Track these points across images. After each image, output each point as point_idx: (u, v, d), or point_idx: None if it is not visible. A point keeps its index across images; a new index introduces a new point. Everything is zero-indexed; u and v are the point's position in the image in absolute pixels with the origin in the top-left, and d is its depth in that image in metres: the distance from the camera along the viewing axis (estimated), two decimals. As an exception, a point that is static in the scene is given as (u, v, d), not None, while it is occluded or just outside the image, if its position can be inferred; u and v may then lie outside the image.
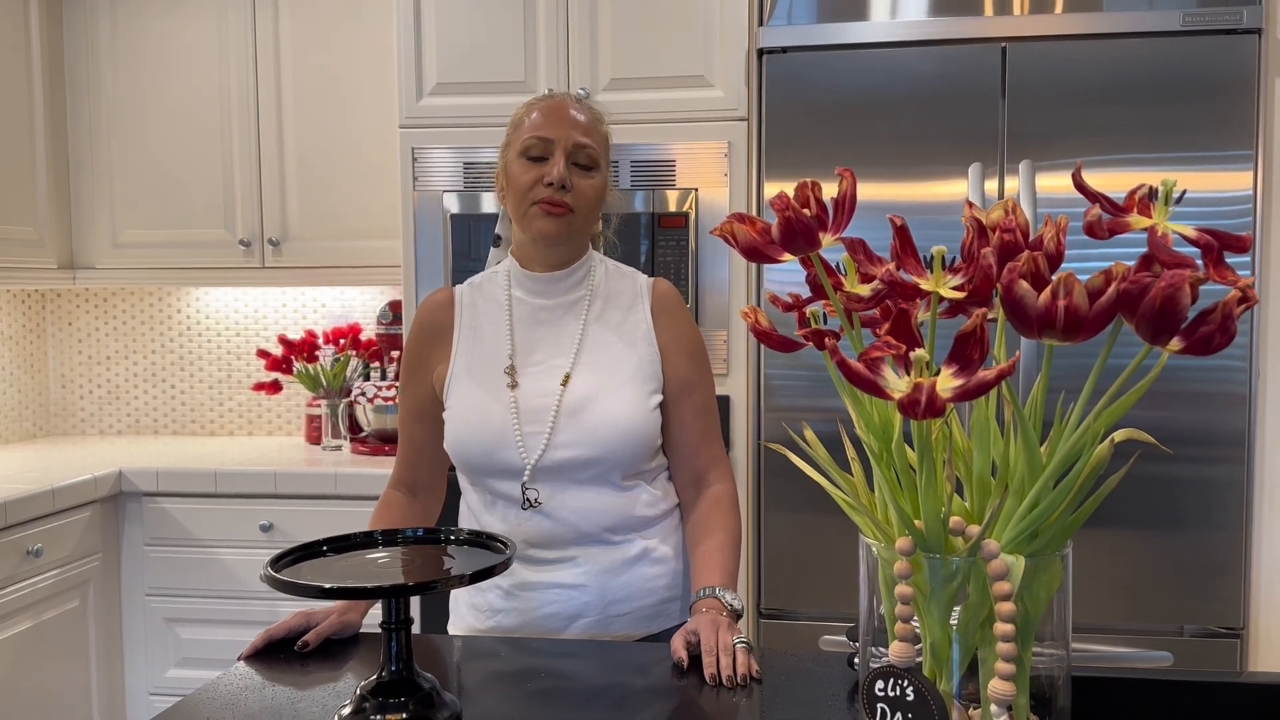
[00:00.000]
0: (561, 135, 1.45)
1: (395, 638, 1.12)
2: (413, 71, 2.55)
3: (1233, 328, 0.65)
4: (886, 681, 0.78)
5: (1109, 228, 0.68)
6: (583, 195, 1.46)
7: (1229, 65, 2.26)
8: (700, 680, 1.23)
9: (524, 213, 1.46)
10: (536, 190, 1.44)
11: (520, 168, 1.45)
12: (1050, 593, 0.79)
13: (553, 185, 1.42)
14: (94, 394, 3.36)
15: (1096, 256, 2.16)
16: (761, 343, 0.87)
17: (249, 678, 1.26)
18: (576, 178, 1.45)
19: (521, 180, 1.45)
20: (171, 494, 2.67)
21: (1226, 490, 2.29)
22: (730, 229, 0.78)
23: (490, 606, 1.48)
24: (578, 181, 1.45)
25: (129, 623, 2.73)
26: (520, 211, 1.46)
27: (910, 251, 0.77)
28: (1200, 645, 2.31)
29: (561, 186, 1.43)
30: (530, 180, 1.44)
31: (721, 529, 1.47)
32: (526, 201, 1.45)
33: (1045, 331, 0.69)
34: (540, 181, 1.43)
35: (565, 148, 1.44)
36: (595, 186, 1.48)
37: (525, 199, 1.45)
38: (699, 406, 1.51)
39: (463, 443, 1.46)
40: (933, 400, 0.64)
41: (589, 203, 1.47)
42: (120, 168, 2.99)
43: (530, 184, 1.44)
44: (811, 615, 2.44)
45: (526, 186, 1.44)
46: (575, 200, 1.45)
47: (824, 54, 2.39)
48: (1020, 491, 0.75)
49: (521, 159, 1.46)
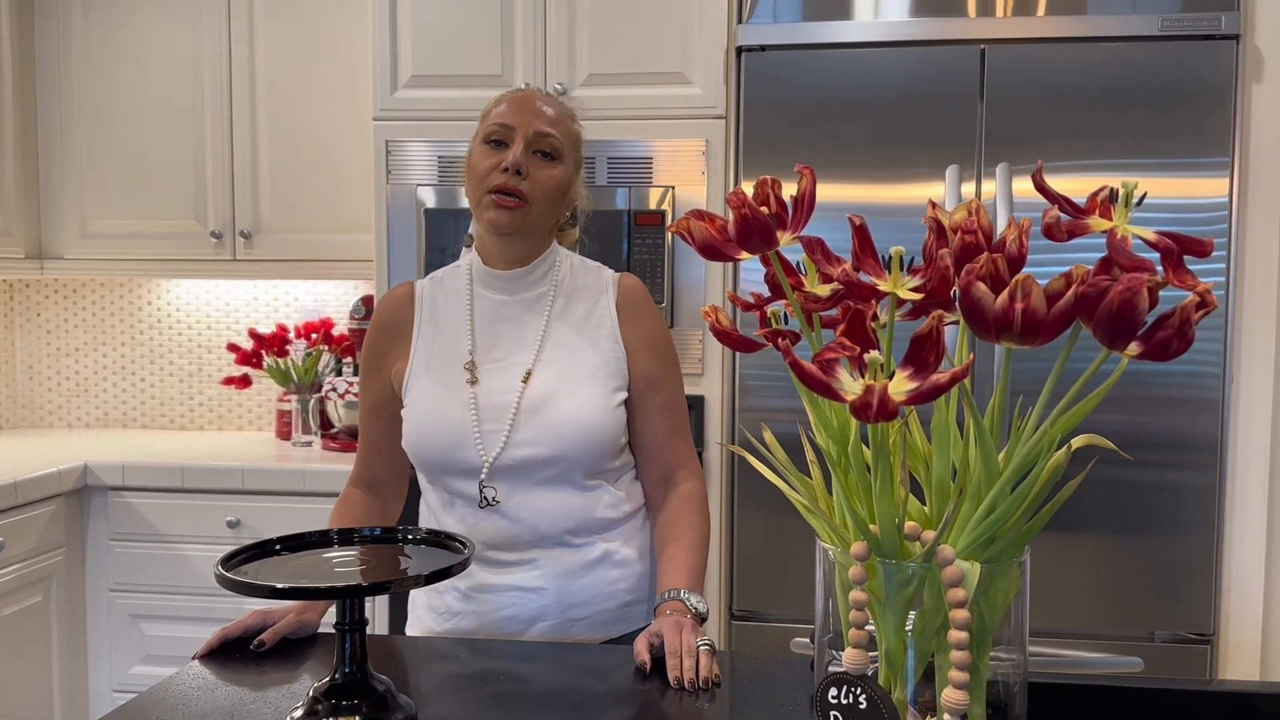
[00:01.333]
0: (523, 123, 1.42)
1: (349, 639, 1.10)
2: (387, 63, 2.52)
3: (1191, 333, 0.64)
4: (840, 688, 0.77)
5: (1068, 229, 0.67)
6: (540, 185, 1.42)
7: (1207, 71, 2.26)
8: (662, 684, 1.21)
9: (479, 200, 1.43)
10: (492, 177, 1.40)
11: (480, 154, 1.43)
12: (1007, 600, 0.78)
13: (508, 171, 1.40)
14: (62, 386, 3.31)
15: (1070, 260, 2.16)
16: (722, 342, 0.85)
17: (202, 677, 1.24)
18: (535, 167, 1.42)
19: (480, 166, 1.42)
20: (138, 489, 2.64)
21: (1198, 495, 2.29)
22: (687, 226, 0.76)
23: (448, 609, 1.46)
24: (536, 171, 1.42)
25: (93, 619, 2.70)
26: (476, 199, 1.44)
27: (869, 252, 0.76)
28: (1171, 651, 2.31)
29: (517, 172, 1.39)
30: (488, 166, 1.41)
31: (689, 529, 1.45)
32: (482, 189, 1.42)
33: (1003, 335, 0.68)
34: (497, 168, 1.40)
35: (526, 135, 1.42)
36: (555, 178, 1.44)
37: (481, 185, 1.42)
38: (665, 404, 1.48)
39: (420, 441, 1.44)
40: (885, 403, 0.63)
41: (546, 194, 1.43)
42: (90, 157, 2.95)
43: (488, 170, 1.41)
44: (784, 617, 2.43)
45: (484, 173, 1.41)
46: (531, 189, 1.41)
47: (802, 53, 2.38)
48: (976, 496, 0.74)
49: (482, 145, 1.43)
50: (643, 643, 1.26)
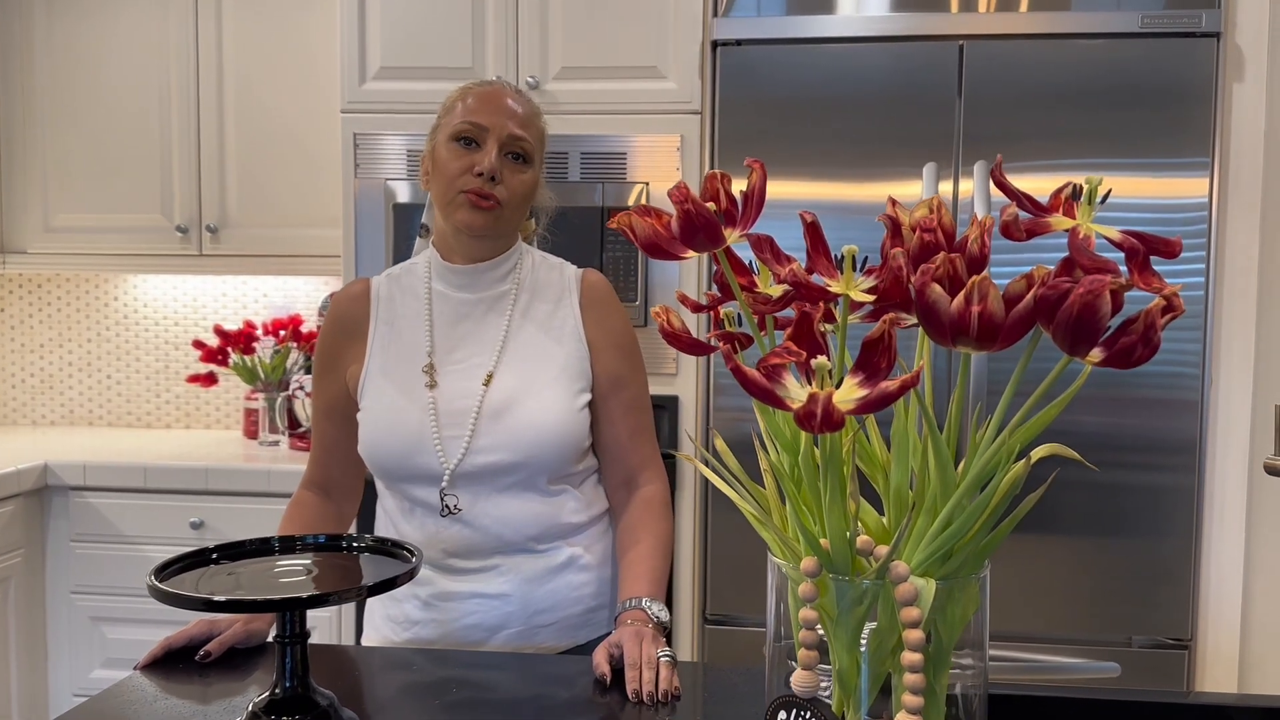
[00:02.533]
0: (497, 124, 1.38)
1: (290, 652, 1.06)
2: (355, 54, 2.47)
3: (1156, 339, 0.60)
4: (789, 712, 0.73)
5: (1026, 228, 0.63)
6: (513, 190, 1.39)
7: (1188, 70, 2.23)
8: (623, 695, 1.17)
9: (449, 200, 1.38)
10: (465, 179, 1.37)
11: (450, 153, 1.38)
12: (966, 617, 0.74)
13: (483, 175, 1.36)
14: (26, 383, 3.24)
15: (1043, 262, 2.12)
16: (672, 345, 0.81)
17: (143, 689, 1.19)
18: (508, 171, 1.39)
19: (450, 167, 1.38)
20: (99, 488, 2.58)
21: (1177, 498, 2.26)
22: (629, 222, 0.72)
23: (407, 618, 1.41)
24: (509, 176, 1.39)
25: (52, 621, 2.64)
26: (446, 199, 1.39)
27: (822, 251, 0.72)
28: (1148, 657, 2.29)
29: (491, 178, 1.36)
30: (460, 168, 1.37)
31: (650, 534, 1.41)
32: (454, 189, 1.38)
33: (959, 339, 0.64)
34: (470, 170, 1.37)
35: (499, 137, 1.38)
36: (526, 182, 1.41)
37: (453, 186, 1.38)
38: (629, 404, 1.44)
39: (377, 446, 1.39)
40: (829, 413, 0.59)
41: (518, 198, 1.40)
42: (54, 149, 2.88)
43: (459, 171, 1.37)
44: (758, 622, 2.39)
45: (455, 174, 1.37)
46: (504, 194, 1.38)
47: (779, 48, 2.34)
48: (932, 509, 0.70)
49: (452, 143, 1.39)
50: (602, 654, 1.23)
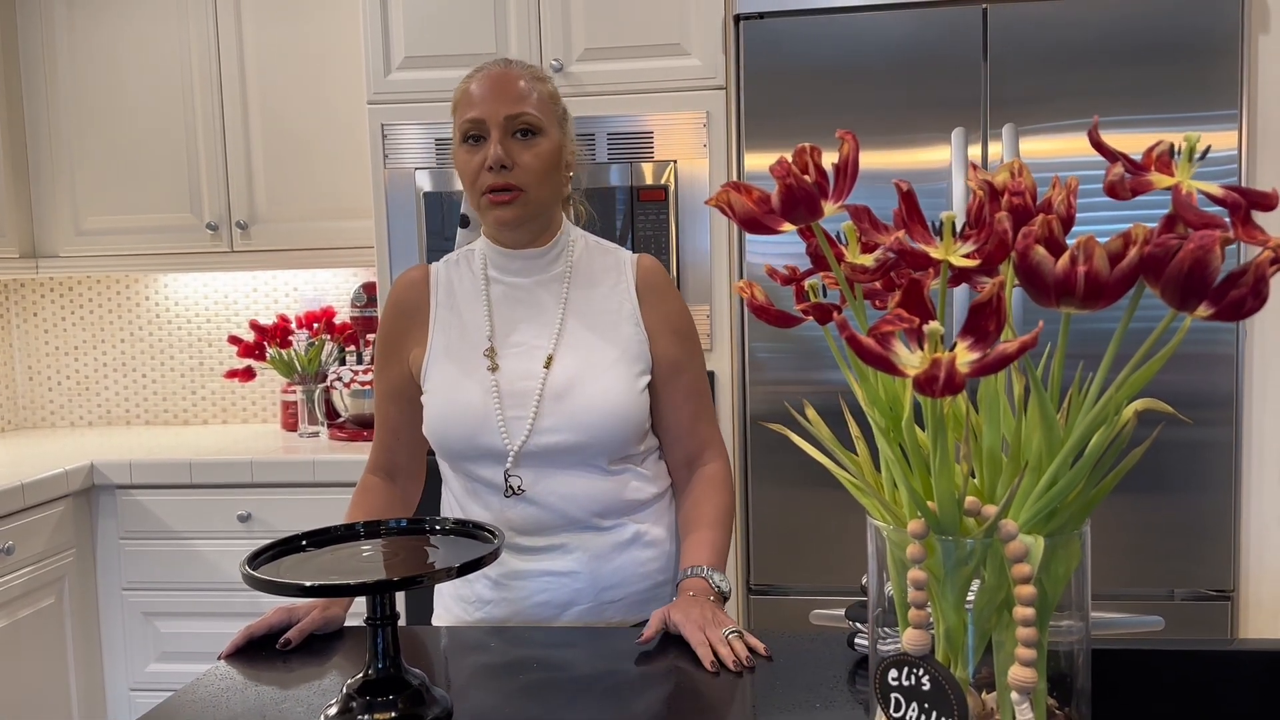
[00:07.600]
0: (491, 112, 1.38)
1: (381, 634, 1.08)
2: (380, 45, 2.48)
3: (1265, 291, 0.61)
4: (900, 670, 0.74)
5: (1131, 187, 0.64)
6: (527, 167, 1.39)
7: (1213, 24, 2.23)
8: (696, 664, 1.19)
9: (477, 203, 1.42)
10: (482, 178, 1.39)
11: (464, 157, 1.41)
12: (1069, 572, 0.76)
13: (493, 169, 1.37)
14: (63, 385, 3.28)
15: (1091, 220, 2.13)
16: (759, 319, 0.83)
17: (230, 677, 1.22)
18: (518, 149, 1.38)
19: (466, 170, 1.40)
20: (146, 486, 2.61)
21: (1215, 452, 2.27)
22: (727, 199, 0.73)
23: (479, 597, 1.44)
24: (519, 154, 1.38)
25: (106, 618, 2.68)
26: (474, 202, 1.43)
27: (918, 219, 0.73)
28: (1191, 609, 2.31)
29: (502, 166, 1.37)
30: (474, 169, 1.39)
31: (713, 506, 1.44)
32: (476, 192, 1.41)
33: (1063, 299, 0.65)
34: (482, 167, 1.38)
35: (498, 123, 1.38)
36: (540, 154, 1.40)
37: (474, 189, 1.41)
38: (689, 388, 1.46)
39: (443, 427, 1.41)
40: (951, 376, 0.60)
41: (536, 174, 1.40)
42: (81, 153, 2.90)
43: (475, 172, 1.39)
44: (801, 590, 2.42)
45: (472, 176, 1.40)
46: (521, 177, 1.38)
47: (801, 18, 2.34)
48: (1038, 469, 0.71)
49: (462, 146, 1.41)
50: (656, 621, 1.25)
